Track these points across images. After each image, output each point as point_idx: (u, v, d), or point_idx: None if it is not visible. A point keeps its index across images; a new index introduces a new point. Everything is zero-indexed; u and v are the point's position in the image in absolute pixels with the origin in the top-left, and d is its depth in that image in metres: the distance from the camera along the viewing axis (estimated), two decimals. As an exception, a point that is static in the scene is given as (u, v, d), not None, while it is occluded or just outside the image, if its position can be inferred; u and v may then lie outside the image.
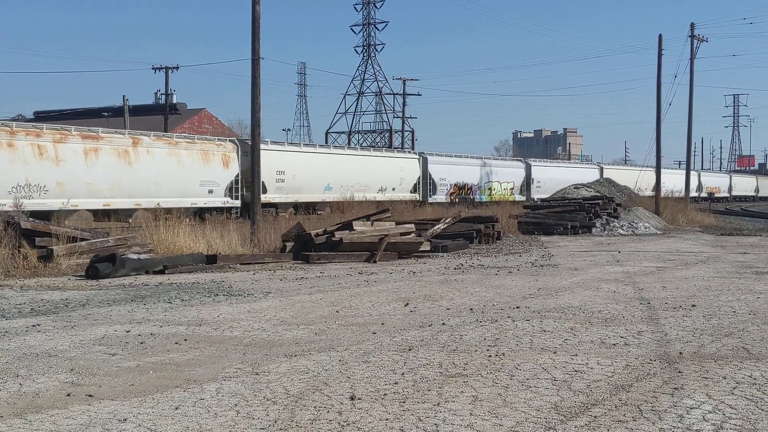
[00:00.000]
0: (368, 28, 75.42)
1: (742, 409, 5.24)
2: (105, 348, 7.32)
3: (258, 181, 20.98)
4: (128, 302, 10.32)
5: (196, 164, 30.65)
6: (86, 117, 53.88)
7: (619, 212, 30.06)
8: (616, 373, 6.26)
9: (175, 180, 29.47)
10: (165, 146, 29.86)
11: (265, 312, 9.50)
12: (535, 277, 13.49)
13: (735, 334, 7.96)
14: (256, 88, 20.27)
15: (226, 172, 31.84)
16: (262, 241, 18.25)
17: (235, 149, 32.50)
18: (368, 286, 12.09)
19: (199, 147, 31.08)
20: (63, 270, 13.69)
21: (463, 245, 19.96)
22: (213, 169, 31.35)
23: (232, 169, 32.09)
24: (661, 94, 37.78)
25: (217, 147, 31.89)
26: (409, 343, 7.48)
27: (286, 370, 6.39)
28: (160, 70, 52.17)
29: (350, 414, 5.14)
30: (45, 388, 5.83)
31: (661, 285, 12.24)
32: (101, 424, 4.94)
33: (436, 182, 44.24)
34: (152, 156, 29.05)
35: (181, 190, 29.58)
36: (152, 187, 28.55)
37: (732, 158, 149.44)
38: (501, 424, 4.93)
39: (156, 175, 28.85)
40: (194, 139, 31.78)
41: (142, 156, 28.66)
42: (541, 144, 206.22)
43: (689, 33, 44.49)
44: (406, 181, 42.31)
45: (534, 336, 7.86)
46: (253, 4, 20.19)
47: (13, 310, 9.63)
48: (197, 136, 33.04)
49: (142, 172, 28.39)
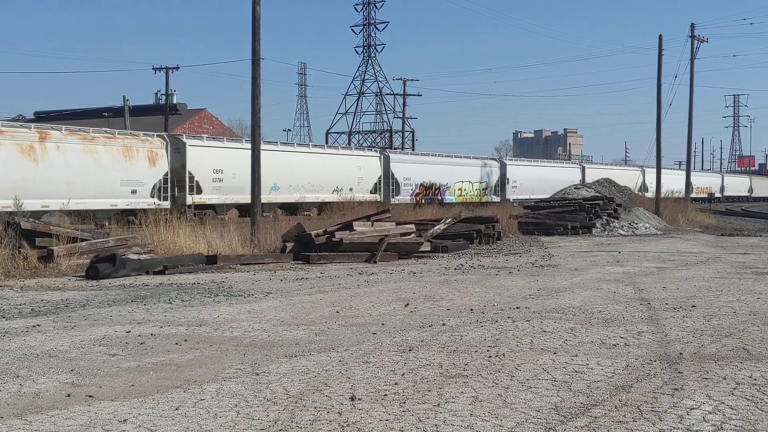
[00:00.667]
0: (368, 28, 75.44)
1: (742, 410, 5.24)
2: (105, 348, 7.32)
3: (258, 181, 20.92)
4: (128, 303, 10.32)
5: (116, 162, 27.91)
6: (86, 117, 53.87)
7: (620, 213, 30.07)
8: (616, 373, 6.26)
9: (90, 179, 26.73)
10: (79, 142, 27.04)
11: (266, 312, 9.50)
12: (535, 277, 13.49)
13: (735, 335, 7.96)
14: (257, 88, 20.27)
15: (153, 170, 29.17)
16: (263, 241, 18.26)
17: (164, 145, 29.87)
18: (368, 287, 12.09)
19: (120, 143, 28.37)
20: (63, 270, 13.69)
21: (463, 245, 19.96)
22: (137, 167, 28.60)
23: (160, 167, 29.43)
24: (661, 94, 37.85)
25: (142, 143, 29.19)
26: (410, 344, 7.48)
27: (286, 370, 6.39)
28: (160, 71, 52.20)
29: (350, 414, 5.14)
30: (45, 389, 5.83)
31: (661, 285, 12.24)
32: (101, 424, 4.94)
33: (400, 182, 41.82)
34: (63, 152, 26.32)
35: (98, 190, 26.87)
36: (63, 187, 25.80)
37: (732, 159, 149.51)
38: (501, 424, 4.93)
39: (67, 174, 26.07)
40: (115, 134, 29.10)
41: (51, 152, 25.98)
42: (542, 144, 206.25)
43: (689, 33, 44.51)
44: (365, 181, 39.62)
45: (534, 336, 7.86)
46: (254, 5, 20.19)
47: (14, 311, 9.63)
48: (119, 131, 30.17)
49: (50, 170, 25.70)
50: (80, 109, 60.53)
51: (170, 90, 52.97)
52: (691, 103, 44.97)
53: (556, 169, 57.11)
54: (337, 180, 37.44)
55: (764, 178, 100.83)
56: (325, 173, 36.85)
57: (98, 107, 60.72)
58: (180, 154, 30.29)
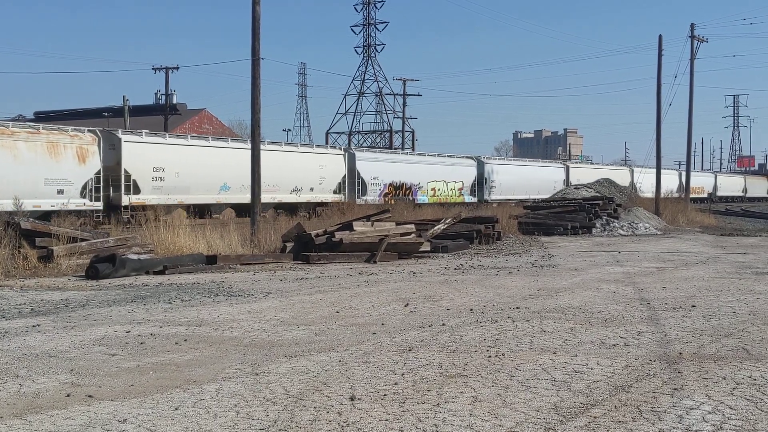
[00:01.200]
0: (368, 28, 75.48)
1: (742, 410, 5.24)
2: (105, 348, 7.33)
3: (258, 181, 20.92)
4: (128, 303, 10.32)
5: (39, 159, 25.62)
6: (86, 117, 53.87)
7: (619, 213, 30.08)
8: (615, 373, 6.26)
9: (9, 178, 24.43)
10: None
11: (265, 312, 9.50)
12: (535, 277, 13.49)
13: (735, 335, 7.96)
14: (256, 88, 20.28)
15: (83, 168, 26.83)
16: (262, 241, 18.26)
17: (95, 141, 27.54)
18: (368, 287, 12.09)
19: (45, 138, 26.01)
20: (63, 270, 13.69)
21: (463, 245, 19.96)
22: (64, 164, 26.22)
23: (91, 164, 27.12)
24: (661, 94, 37.84)
25: (70, 138, 26.83)
26: (409, 344, 7.48)
27: (286, 370, 6.39)
28: (160, 71, 52.16)
29: (350, 414, 5.14)
30: (45, 389, 5.83)
31: (661, 285, 12.24)
32: (101, 424, 4.94)
33: (367, 182, 39.04)
34: None
35: (16, 190, 23.76)
36: None
37: (732, 159, 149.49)
38: (501, 424, 4.93)
39: None
40: (39, 129, 26.67)
41: None
42: (542, 144, 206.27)
43: (689, 33, 44.50)
44: (328, 180, 36.80)
45: (534, 336, 7.86)
46: (254, 5, 20.19)
47: (13, 311, 9.63)
48: (43, 126, 27.59)
49: None
50: (80, 109, 60.55)
51: (170, 90, 52.91)
52: (690, 103, 44.98)
53: (538, 168, 55.23)
54: (295, 179, 34.82)
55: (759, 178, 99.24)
56: (282, 171, 33.71)
57: (98, 107, 60.73)
58: (115, 151, 27.93)
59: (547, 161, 63.26)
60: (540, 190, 47.73)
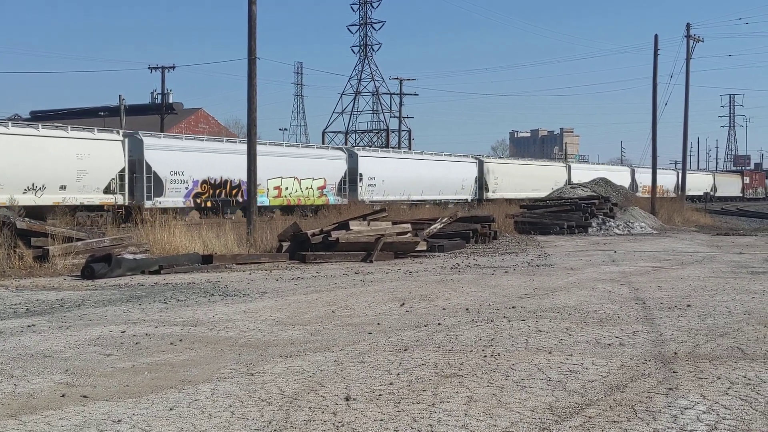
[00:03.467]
0: (365, 27, 75.57)
1: (737, 410, 5.25)
2: (100, 348, 7.32)
3: (254, 181, 20.92)
4: (124, 302, 10.30)
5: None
6: (83, 117, 53.69)
7: (615, 212, 30.13)
8: (611, 373, 6.27)
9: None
10: None
11: (261, 312, 9.50)
12: (531, 276, 13.50)
13: (730, 335, 7.97)
14: (253, 87, 20.27)
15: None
16: (258, 241, 18.25)
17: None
18: (364, 286, 12.09)
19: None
20: (59, 270, 13.67)
21: (459, 245, 19.97)
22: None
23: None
24: (657, 94, 37.94)
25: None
26: (405, 344, 7.48)
27: (281, 370, 6.39)
28: (156, 70, 52.07)
29: (345, 415, 5.14)
30: (40, 389, 5.82)
31: (656, 285, 12.26)
32: (96, 425, 4.94)
33: (164, 178, 29.86)
34: None
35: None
36: None
37: (728, 158, 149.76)
38: (496, 424, 4.93)
39: None
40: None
41: None
42: (538, 144, 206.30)
43: (685, 33, 44.60)
44: (92, 175, 27.34)
45: (529, 336, 7.87)
46: (250, 4, 20.17)
47: (9, 311, 9.61)
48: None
49: None
50: (77, 109, 60.34)
51: (166, 89, 52.79)
52: (686, 102, 45.08)
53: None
54: (43, 173, 25.91)
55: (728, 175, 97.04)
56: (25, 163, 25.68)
57: (94, 107, 60.49)
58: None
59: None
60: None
